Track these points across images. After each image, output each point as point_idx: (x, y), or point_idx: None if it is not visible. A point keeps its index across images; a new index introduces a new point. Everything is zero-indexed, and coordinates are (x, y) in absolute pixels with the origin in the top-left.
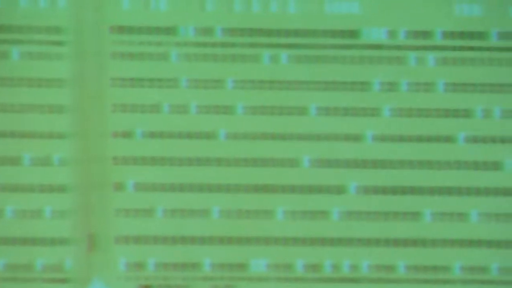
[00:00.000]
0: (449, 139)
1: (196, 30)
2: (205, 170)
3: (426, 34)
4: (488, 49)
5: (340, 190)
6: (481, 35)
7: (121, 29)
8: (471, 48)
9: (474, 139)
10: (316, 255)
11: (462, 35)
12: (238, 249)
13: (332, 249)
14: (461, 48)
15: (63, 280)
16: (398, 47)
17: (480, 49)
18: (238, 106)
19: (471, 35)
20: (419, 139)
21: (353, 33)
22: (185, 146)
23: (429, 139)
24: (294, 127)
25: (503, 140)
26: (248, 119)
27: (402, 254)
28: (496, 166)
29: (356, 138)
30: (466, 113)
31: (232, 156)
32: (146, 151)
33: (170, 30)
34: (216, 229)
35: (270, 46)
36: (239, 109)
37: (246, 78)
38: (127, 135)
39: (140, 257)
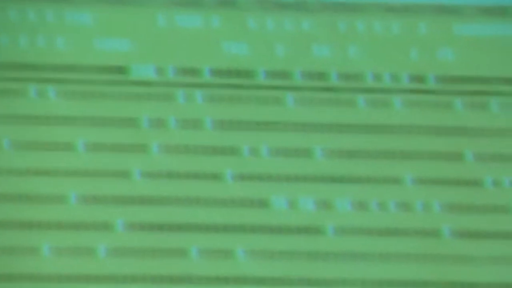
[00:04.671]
0: (216, 176)
1: None
2: None
3: (194, 72)
4: (255, 87)
5: (107, 226)
6: (248, 73)
7: None
8: (239, 86)
9: (241, 177)
10: None
11: (229, 73)
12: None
13: (98, 286)
14: (229, 86)
15: None
16: (167, 84)
17: (247, 87)
18: (3, 143)
19: (239, 73)
20: (187, 176)
21: (121, 69)
22: None
23: (197, 176)
24: (61, 163)
25: (270, 178)
26: (13, 154)
27: None
28: (261, 203)
29: (124, 174)
30: (233, 151)
31: None
32: None
33: None
34: None
35: (37, 81)
36: (5, 145)
37: (11, 113)
38: None
39: None
